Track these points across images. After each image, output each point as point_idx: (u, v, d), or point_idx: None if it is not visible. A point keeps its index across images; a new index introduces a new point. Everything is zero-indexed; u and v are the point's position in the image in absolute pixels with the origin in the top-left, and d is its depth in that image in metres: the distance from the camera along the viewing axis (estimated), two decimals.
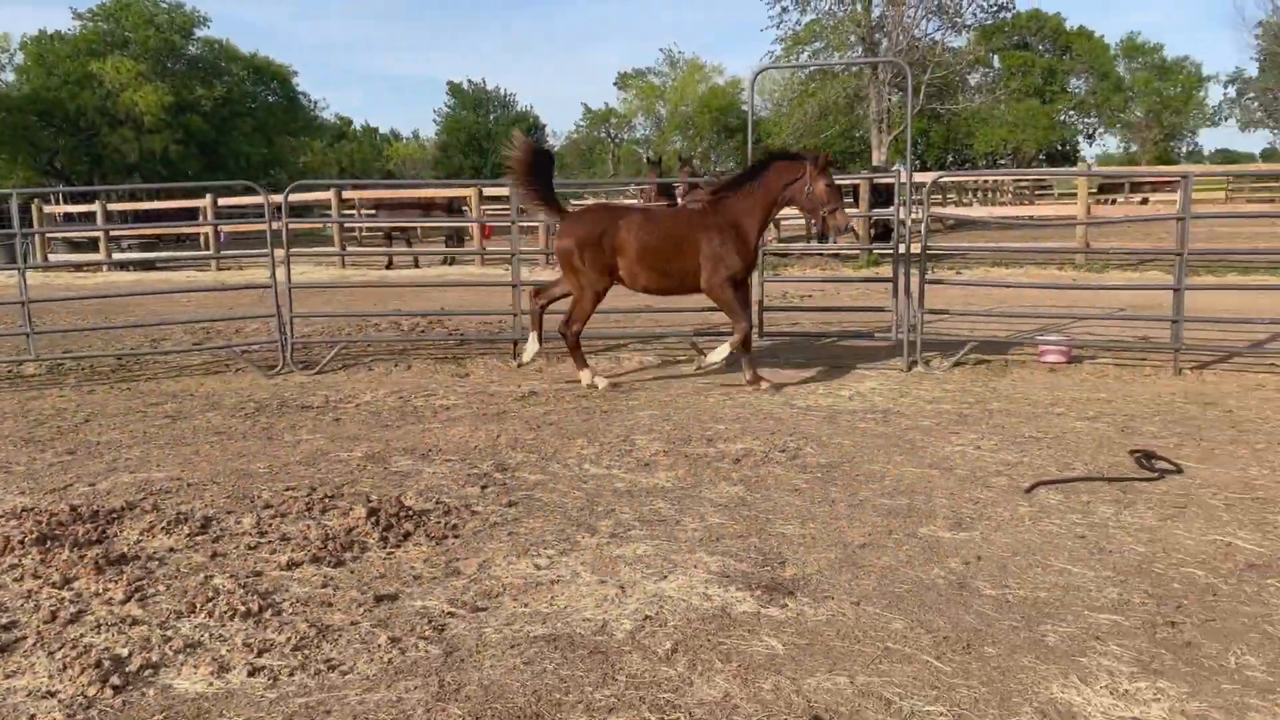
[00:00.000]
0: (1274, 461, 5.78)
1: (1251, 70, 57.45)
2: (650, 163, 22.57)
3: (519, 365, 9.13)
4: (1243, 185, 36.71)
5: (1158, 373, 8.33)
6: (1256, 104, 59.54)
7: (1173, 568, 4.25)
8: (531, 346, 8.58)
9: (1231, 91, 62.61)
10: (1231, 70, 65.82)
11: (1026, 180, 39.87)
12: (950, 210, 26.35)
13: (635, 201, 19.58)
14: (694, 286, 7.95)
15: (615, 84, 73.13)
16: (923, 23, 35.91)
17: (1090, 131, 67.91)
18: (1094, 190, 34.90)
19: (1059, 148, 64.61)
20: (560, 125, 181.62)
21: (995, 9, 39.16)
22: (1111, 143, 71.28)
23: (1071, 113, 64.79)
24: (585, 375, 8.17)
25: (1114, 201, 35.40)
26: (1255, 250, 15.82)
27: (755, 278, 9.78)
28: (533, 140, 8.51)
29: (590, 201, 17.98)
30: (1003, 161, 57.99)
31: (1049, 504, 5.09)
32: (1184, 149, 71.14)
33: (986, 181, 36.12)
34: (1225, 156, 72.20)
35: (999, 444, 6.24)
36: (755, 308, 9.31)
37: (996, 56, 54.41)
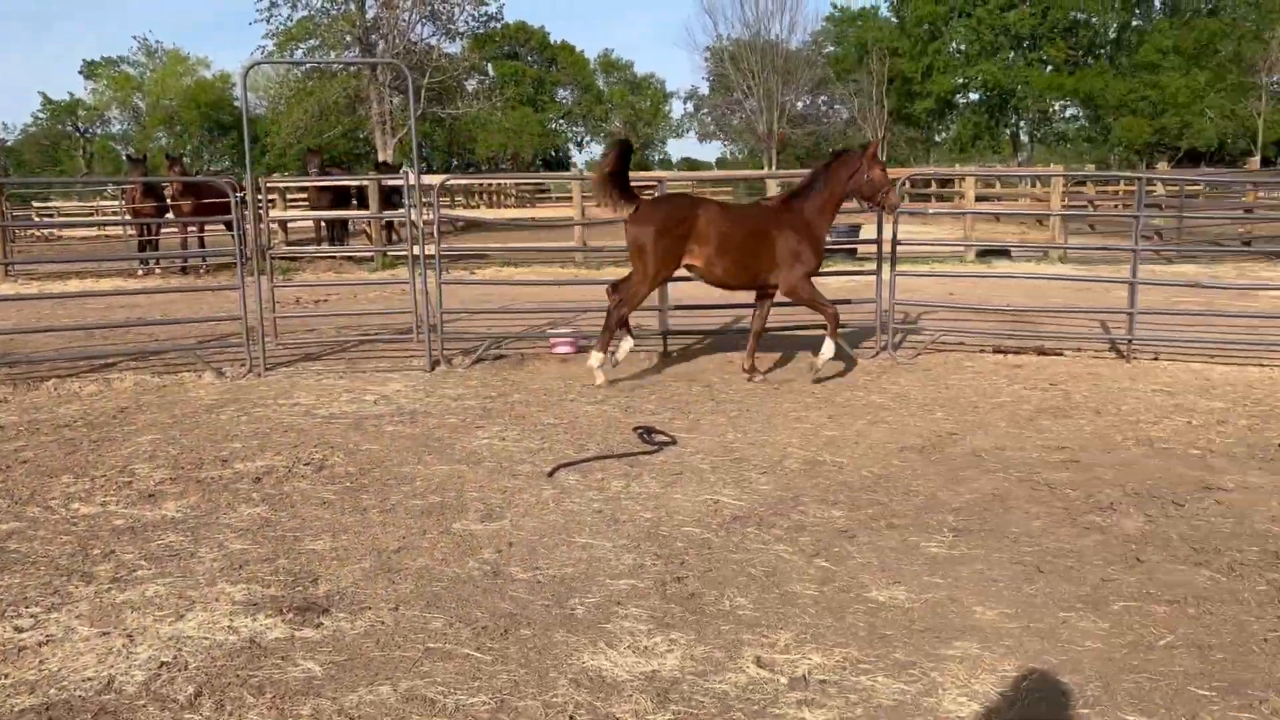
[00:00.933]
0: (746, 426, 6.70)
1: (704, 89, 66.11)
2: (132, 160, 20.32)
3: (614, 365, 8.32)
4: (705, 189, 42.11)
5: (651, 356, 9.26)
6: (710, 118, 68.58)
7: (675, 529, 4.75)
8: (625, 345, 8.22)
9: (690, 107, 71.56)
10: (689, 88, 75.29)
11: (528, 184, 42.17)
12: (460, 212, 27.05)
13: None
14: (764, 283, 8.07)
15: (81, 72, 64.96)
16: (418, 27, 36.40)
17: (579, 139, 73.76)
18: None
19: (553, 153, 69.31)
20: (14, 116, 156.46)
21: (485, 19, 40.87)
22: (598, 150, 78.01)
23: (561, 121, 69.81)
24: (597, 359, 7.98)
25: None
26: None
27: (266, 284, 9.27)
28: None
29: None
30: (504, 166, 60.83)
31: (569, 485, 5.43)
32: (657, 157, 79.93)
33: (492, 185, 37.62)
34: (690, 164, 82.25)
35: (522, 433, 6.53)
36: (270, 316, 8.81)
37: (490, 64, 56.86)
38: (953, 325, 10.33)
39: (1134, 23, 57.59)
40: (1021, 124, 60.80)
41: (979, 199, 26.37)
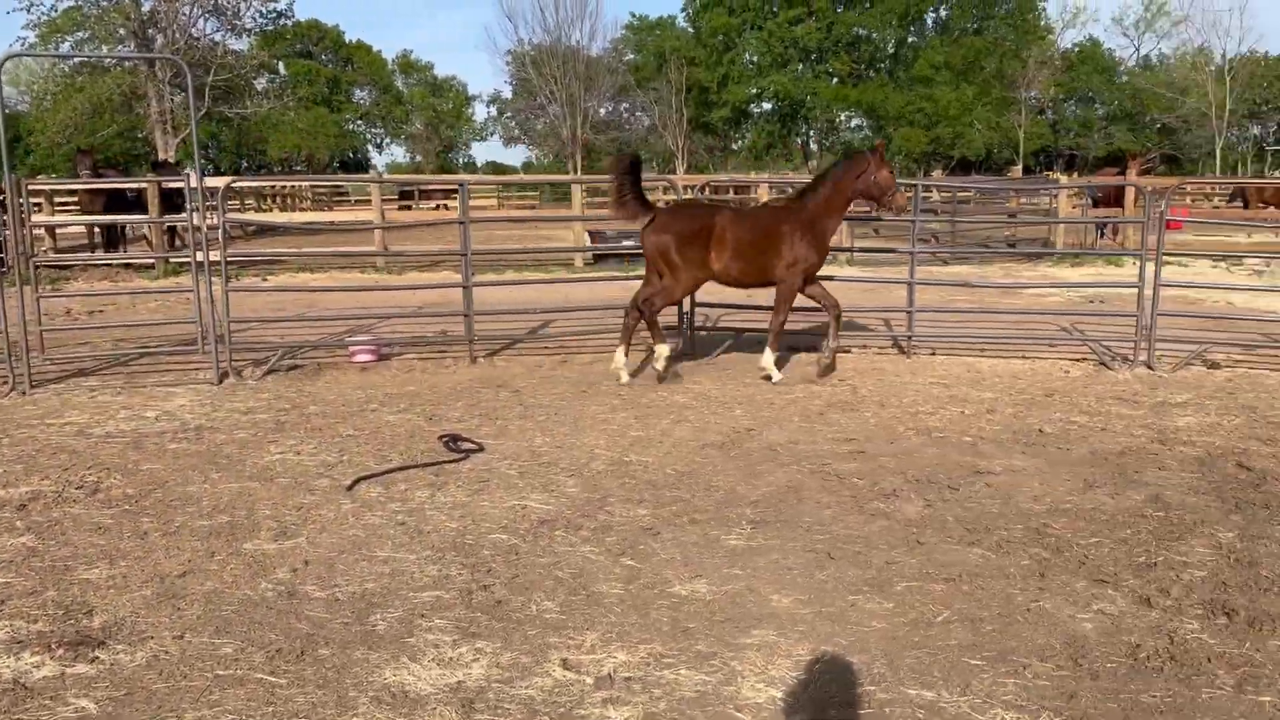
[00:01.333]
0: (554, 430, 6.71)
1: (507, 92, 65.83)
2: None
3: (665, 372, 8.24)
4: (510, 194, 41.95)
5: (457, 363, 9.13)
6: (514, 122, 68.34)
7: (482, 536, 4.70)
8: (663, 350, 8.24)
9: (493, 110, 71.05)
10: (492, 91, 74.78)
11: (324, 186, 40.67)
12: (251, 216, 25.78)
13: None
14: (777, 280, 8.24)
15: None
16: (200, 21, 34.45)
17: (379, 141, 71.83)
18: (395, 195, 36.94)
19: (351, 155, 67.19)
20: None
21: (275, 15, 39.15)
22: (399, 152, 76.22)
23: (359, 122, 67.78)
24: (624, 365, 8.18)
25: (409, 207, 37.79)
26: (525, 249, 18.20)
27: (30, 294, 8.53)
28: (634, 153, 9.02)
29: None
30: (299, 168, 58.44)
31: (371, 498, 5.28)
32: (461, 160, 78.92)
33: (286, 187, 36.02)
34: (495, 167, 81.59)
35: (319, 446, 6.29)
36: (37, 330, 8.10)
37: (282, 63, 54.47)
38: (751, 324, 10.70)
39: (910, 39, 61.54)
40: (811, 133, 63.82)
41: None
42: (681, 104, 55.51)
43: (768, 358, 8.23)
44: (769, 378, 8.21)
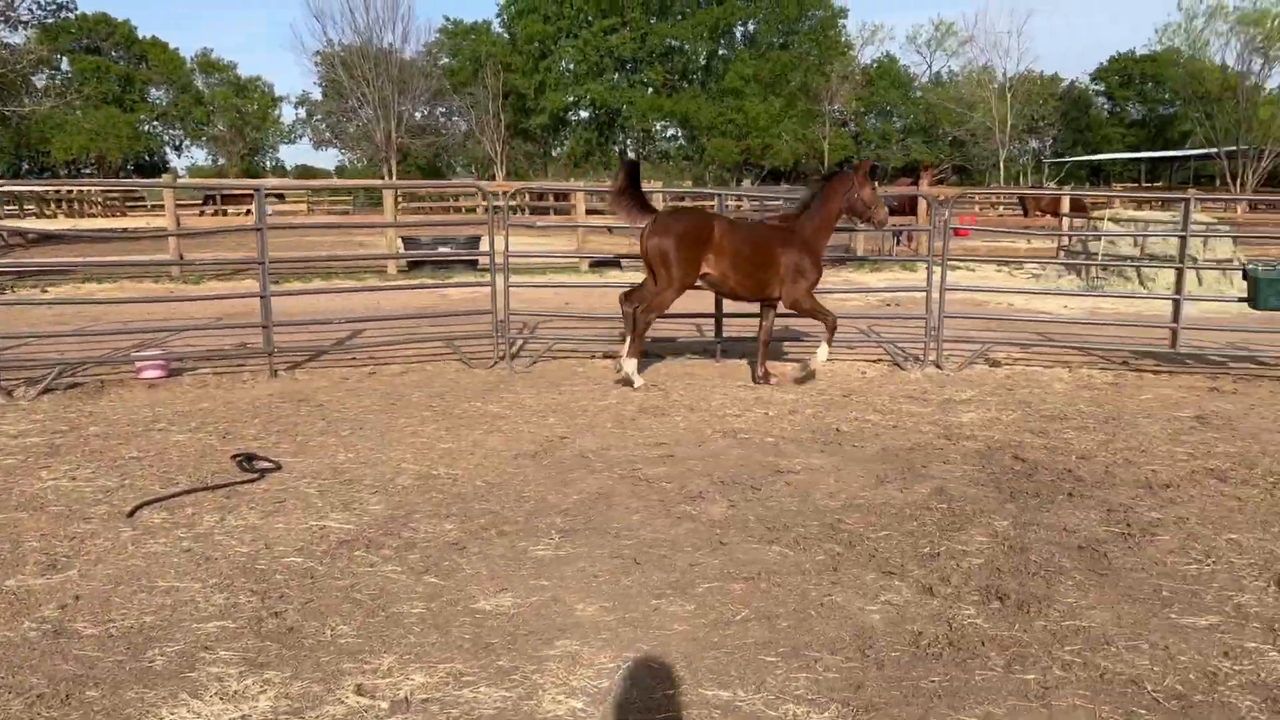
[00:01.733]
0: (359, 446, 6.49)
1: (317, 94, 63.49)
2: None
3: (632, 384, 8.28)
4: (321, 199, 40.50)
5: (256, 377, 8.70)
6: (324, 125, 65.98)
7: (276, 560, 4.48)
8: (630, 364, 8.32)
9: (302, 112, 68.36)
10: (300, 93, 71.93)
11: (115, 191, 38.04)
12: (31, 224, 23.78)
13: None
14: (768, 295, 8.46)
15: None
16: None
17: (178, 143, 67.84)
18: (200, 200, 34.92)
19: (147, 158, 63.17)
20: None
21: (55, 7, 36.41)
22: (200, 154, 72.18)
23: (156, 123, 63.86)
24: (631, 365, 8.30)
25: (223, 212, 35.81)
26: (335, 256, 17.59)
27: None
28: (633, 159, 8.38)
29: None
30: (88, 171, 54.48)
31: (153, 524, 4.94)
32: (269, 163, 75.55)
33: (71, 192, 33.44)
34: (306, 171, 78.48)
35: (97, 470, 5.85)
36: None
37: (65, 59, 50.66)
38: (568, 333, 10.72)
39: (720, 52, 63.29)
40: (629, 142, 64.63)
41: (592, 212, 27.71)
42: (499, 110, 55.07)
43: (822, 352, 8.52)
44: (812, 374, 8.59)
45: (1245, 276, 9.02)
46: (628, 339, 8.37)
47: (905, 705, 3.26)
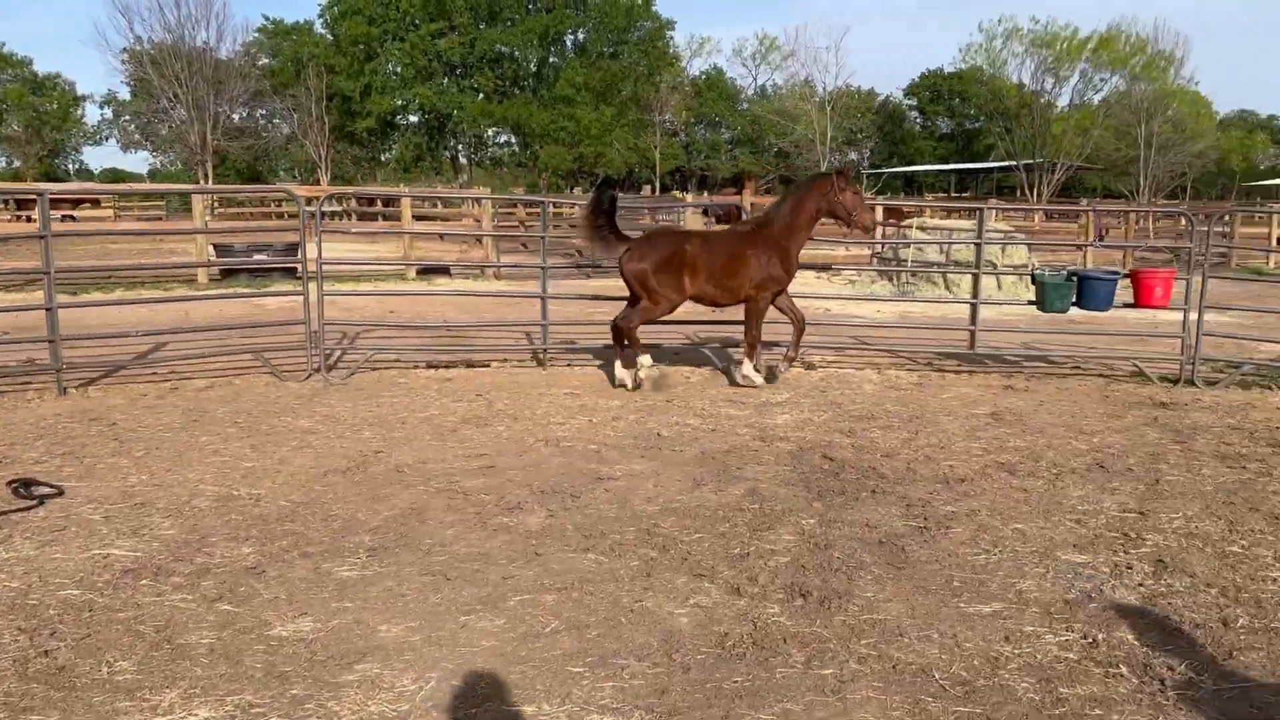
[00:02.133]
0: (153, 467, 6.09)
1: (125, 93, 59.78)
2: None
3: (635, 387, 8.52)
4: (132, 204, 38.13)
5: (42, 395, 8.06)
6: (133, 126, 62.22)
7: (49, 594, 4.14)
8: (645, 360, 8.52)
9: (109, 112, 64.25)
10: (105, 92, 67.53)
11: None
12: None
13: None
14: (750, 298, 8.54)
15: None
16: None
17: None
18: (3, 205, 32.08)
19: None
20: None
21: None
22: None
23: None
24: (628, 375, 8.50)
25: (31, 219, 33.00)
26: (138, 264, 16.53)
27: None
28: (607, 178, 8.01)
29: None
30: None
31: None
32: (72, 166, 70.58)
33: None
34: (115, 175, 73.61)
35: None
36: None
37: None
38: (389, 343, 10.43)
39: (551, 59, 63.34)
40: (460, 147, 63.76)
41: (422, 219, 27.13)
42: (323, 112, 53.27)
43: (747, 368, 8.63)
44: (752, 384, 8.63)
45: (1034, 281, 9.67)
46: (628, 350, 8.56)
47: (708, 708, 3.29)
